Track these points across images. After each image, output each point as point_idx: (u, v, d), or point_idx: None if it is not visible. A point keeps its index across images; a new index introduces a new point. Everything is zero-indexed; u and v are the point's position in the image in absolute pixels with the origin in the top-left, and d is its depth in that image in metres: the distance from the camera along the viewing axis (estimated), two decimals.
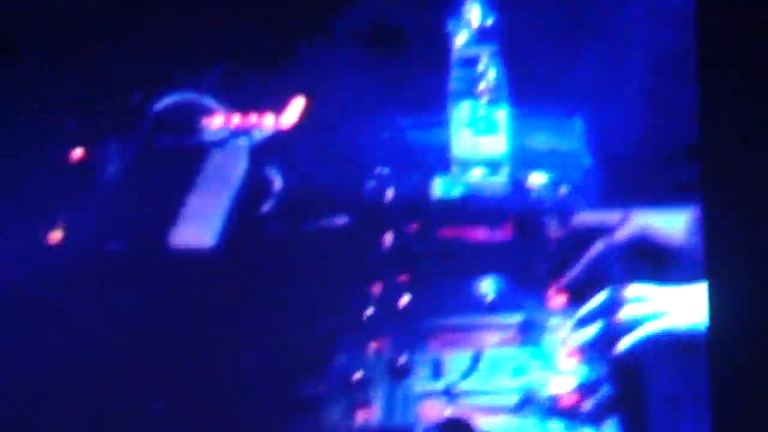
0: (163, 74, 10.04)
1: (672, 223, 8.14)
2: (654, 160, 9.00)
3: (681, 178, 8.79)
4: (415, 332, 8.01)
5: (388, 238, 8.92)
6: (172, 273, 8.47)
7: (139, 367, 8.09)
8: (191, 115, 9.84)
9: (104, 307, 8.27)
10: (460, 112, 9.36)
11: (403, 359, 7.52)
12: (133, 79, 9.90)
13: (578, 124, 10.01)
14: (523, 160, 9.60)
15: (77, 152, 9.11)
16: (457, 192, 9.02)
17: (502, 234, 8.93)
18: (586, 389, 7.21)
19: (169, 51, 10.19)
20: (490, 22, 9.29)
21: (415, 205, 9.18)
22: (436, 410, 7.53)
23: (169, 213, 8.84)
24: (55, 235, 8.70)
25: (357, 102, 10.04)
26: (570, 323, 7.70)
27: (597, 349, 7.51)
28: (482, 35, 9.31)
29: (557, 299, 8.02)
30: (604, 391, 7.24)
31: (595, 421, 7.21)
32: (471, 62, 9.31)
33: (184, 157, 9.48)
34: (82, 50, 9.60)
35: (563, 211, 8.92)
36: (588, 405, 7.23)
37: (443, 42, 9.57)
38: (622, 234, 8.16)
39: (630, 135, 9.28)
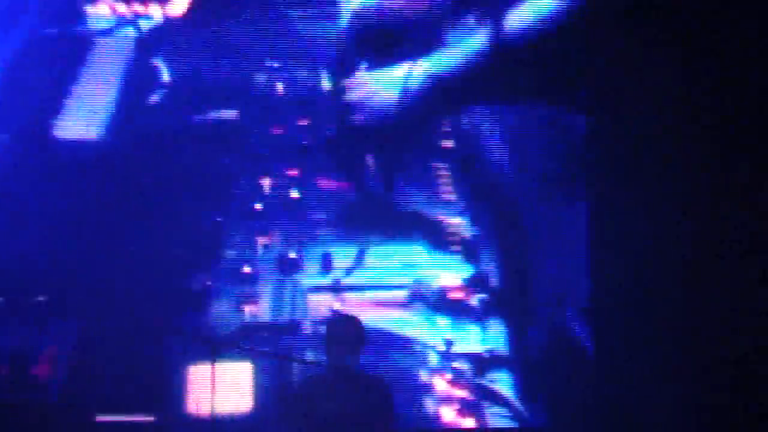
0: None
1: None
2: None
3: None
4: (304, 227, 8.00)
5: (277, 131, 8.85)
6: (57, 165, 8.31)
7: (22, 258, 7.97)
8: (76, 4, 9.58)
9: None
10: (351, 5, 9.23)
11: (291, 254, 7.52)
12: None
13: None
14: None
15: None
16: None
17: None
18: (472, 285, 7.29)
19: None
20: None
21: (305, 98, 9.09)
22: (325, 305, 7.56)
23: (54, 103, 8.65)
24: None
25: None
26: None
27: None
28: None
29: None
30: (490, 286, 7.32)
31: (480, 316, 7.30)
32: None
33: (69, 47, 9.25)
34: None
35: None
36: (474, 300, 7.32)
37: None
38: None
39: None
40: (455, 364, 7.08)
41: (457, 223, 8.00)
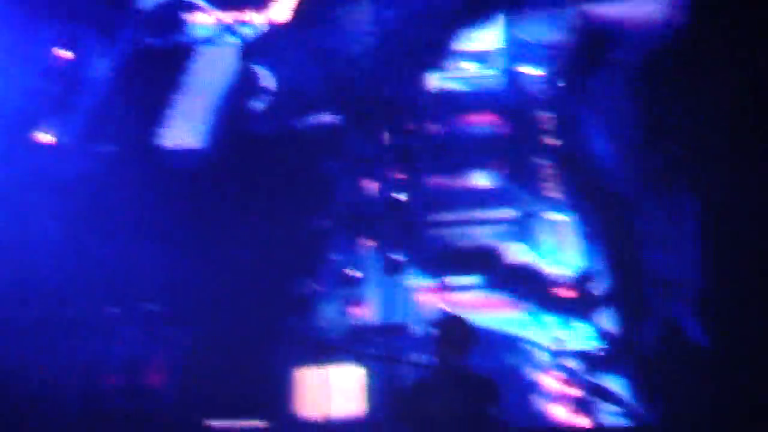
0: None
1: None
2: None
3: None
4: (410, 229, 7.98)
5: (383, 134, 8.84)
6: (164, 173, 8.40)
7: (134, 268, 8.05)
8: (178, 14, 9.67)
9: (96, 209, 8.21)
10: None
11: (397, 256, 7.49)
12: None
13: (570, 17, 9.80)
14: (516, 53, 9.43)
15: (65, 53, 8.97)
16: (451, 86, 8.88)
17: (497, 128, 8.83)
18: (582, 282, 7.18)
19: None
20: None
21: (410, 100, 9.07)
22: (431, 306, 7.50)
23: (159, 113, 8.74)
24: (46, 137, 8.61)
25: None
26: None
27: None
28: None
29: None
30: (600, 283, 7.21)
31: (591, 313, 7.19)
32: None
33: (172, 57, 9.34)
34: None
35: (557, 104, 8.81)
36: (584, 297, 7.22)
37: None
38: None
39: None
40: (566, 362, 6.97)
41: (566, 220, 7.90)
